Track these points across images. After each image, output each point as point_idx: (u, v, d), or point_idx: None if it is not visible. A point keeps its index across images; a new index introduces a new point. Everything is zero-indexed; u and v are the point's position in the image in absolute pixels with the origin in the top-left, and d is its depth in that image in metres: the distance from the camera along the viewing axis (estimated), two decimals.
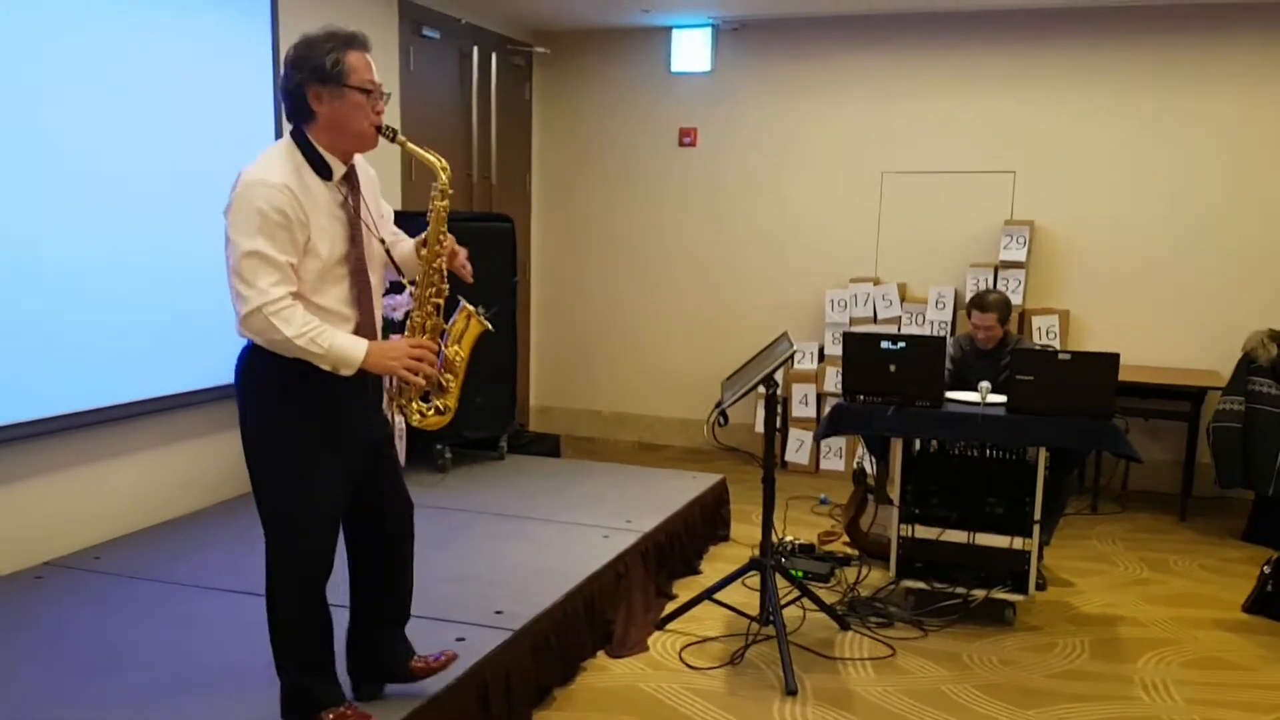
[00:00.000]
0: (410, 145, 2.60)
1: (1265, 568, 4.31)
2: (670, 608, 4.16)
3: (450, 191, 2.61)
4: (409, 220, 2.99)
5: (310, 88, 2.45)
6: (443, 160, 2.60)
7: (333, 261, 2.51)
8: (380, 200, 2.76)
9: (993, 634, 4.05)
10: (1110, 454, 5.00)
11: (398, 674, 2.82)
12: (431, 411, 2.65)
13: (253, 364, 2.52)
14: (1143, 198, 6.17)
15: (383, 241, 2.65)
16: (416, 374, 2.54)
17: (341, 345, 2.44)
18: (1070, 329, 6.25)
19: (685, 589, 4.39)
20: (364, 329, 2.58)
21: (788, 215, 6.88)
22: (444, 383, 2.65)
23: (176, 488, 4.46)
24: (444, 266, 2.63)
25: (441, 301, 2.64)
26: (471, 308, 2.72)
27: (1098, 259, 6.27)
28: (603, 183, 7.29)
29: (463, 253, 2.70)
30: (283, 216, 2.38)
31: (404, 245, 2.76)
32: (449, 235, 2.64)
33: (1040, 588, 4.42)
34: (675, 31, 6.90)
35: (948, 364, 4.77)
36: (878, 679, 3.65)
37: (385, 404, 2.60)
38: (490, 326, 2.72)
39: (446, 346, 2.67)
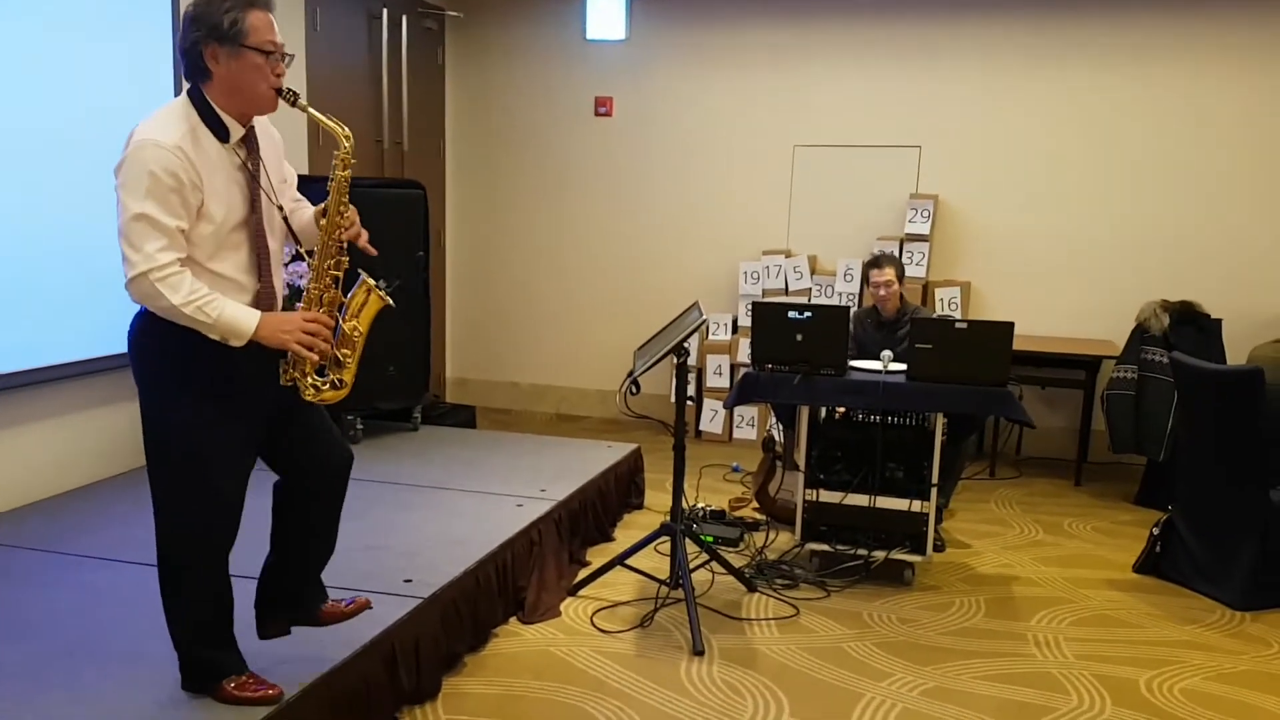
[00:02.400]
0: (312, 110, 2.51)
1: (1154, 530, 4.50)
2: (583, 574, 4.21)
3: (353, 161, 2.53)
4: (315, 184, 2.94)
5: (207, 46, 2.37)
6: (345, 128, 2.52)
7: (229, 227, 2.44)
8: (284, 164, 2.70)
9: (892, 594, 4.17)
10: (1005, 420, 5.16)
11: (309, 615, 2.80)
12: (327, 386, 2.57)
13: (145, 330, 2.45)
14: (1042, 173, 6.34)
15: (281, 209, 2.59)
16: (310, 349, 2.47)
17: (231, 315, 2.38)
18: (972, 300, 6.42)
19: (599, 555, 4.44)
20: (264, 297, 2.53)
21: (703, 187, 6.92)
22: (340, 357, 2.57)
23: (77, 458, 4.36)
24: (343, 239, 2.54)
25: (340, 274, 2.56)
26: (371, 281, 2.62)
27: (999, 232, 6.43)
28: (518, 151, 7.25)
29: (364, 235, 2.61)
30: (174, 179, 2.31)
31: (304, 213, 2.68)
32: (351, 207, 2.55)
33: (938, 549, 4.57)
34: None
35: (850, 341, 4.85)
36: (782, 638, 3.74)
37: (281, 375, 2.53)
38: (390, 302, 2.64)
39: (344, 321, 2.57)
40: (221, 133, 2.43)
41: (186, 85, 2.47)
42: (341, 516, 2.80)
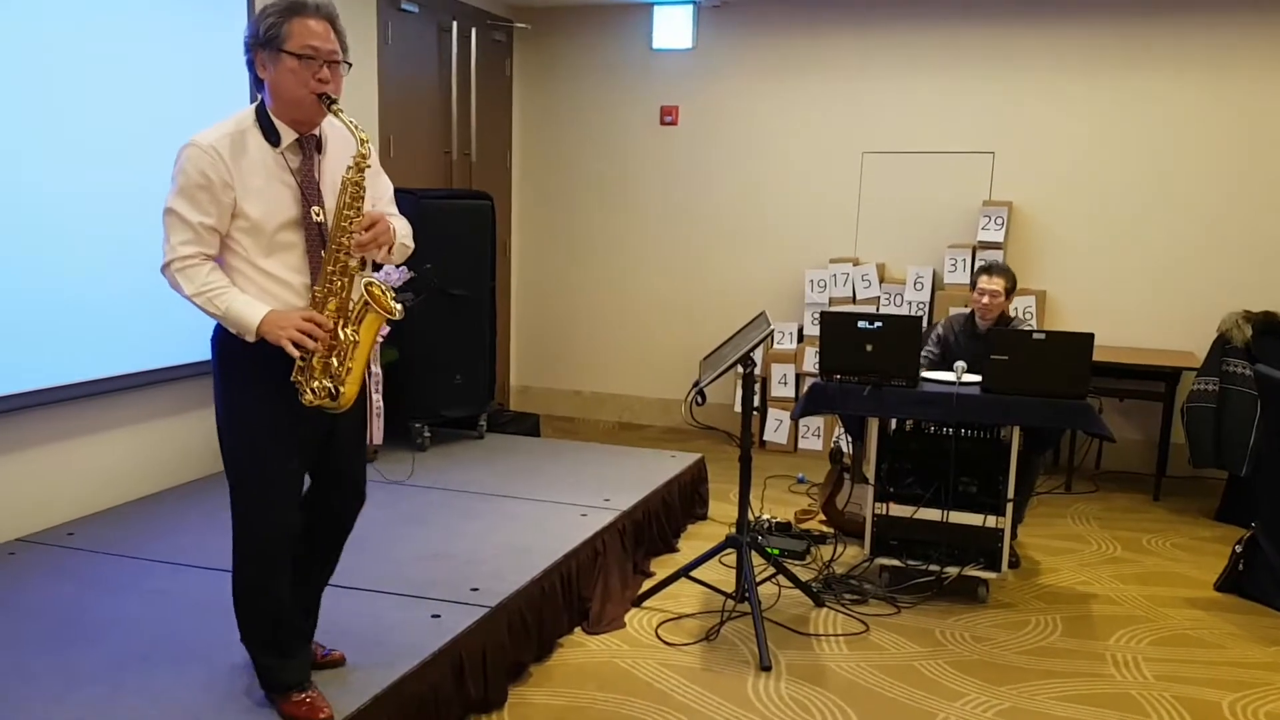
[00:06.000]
0: (341, 115, 2.47)
1: (1237, 547, 4.36)
2: (647, 585, 4.18)
3: (368, 165, 2.48)
4: None
5: (256, 54, 2.46)
6: (364, 133, 2.48)
7: (272, 227, 2.47)
8: (378, 180, 2.66)
9: (966, 611, 4.08)
10: (1084, 433, 5.03)
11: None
12: (325, 394, 2.48)
13: (217, 327, 2.53)
14: (1119, 180, 6.19)
15: (319, 214, 2.52)
16: (302, 347, 2.42)
17: (238, 310, 2.42)
18: (1047, 310, 6.29)
19: (663, 566, 4.41)
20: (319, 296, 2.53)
21: (769, 195, 6.88)
22: (334, 365, 2.49)
23: (151, 465, 4.44)
24: (350, 244, 2.48)
25: (347, 280, 2.51)
26: (379, 290, 2.52)
27: (1075, 240, 6.29)
28: (584, 161, 7.27)
29: (372, 236, 2.51)
30: (203, 177, 2.39)
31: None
32: (368, 215, 2.50)
33: (1013, 565, 4.47)
34: (657, 9, 6.86)
35: (935, 345, 4.76)
36: (851, 655, 3.68)
37: (293, 374, 2.48)
38: (389, 314, 2.52)
39: (342, 327, 2.50)
40: (272, 137, 2.48)
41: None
42: (408, 523, 2.79)
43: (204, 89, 4.45)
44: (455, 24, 6.40)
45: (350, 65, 2.54)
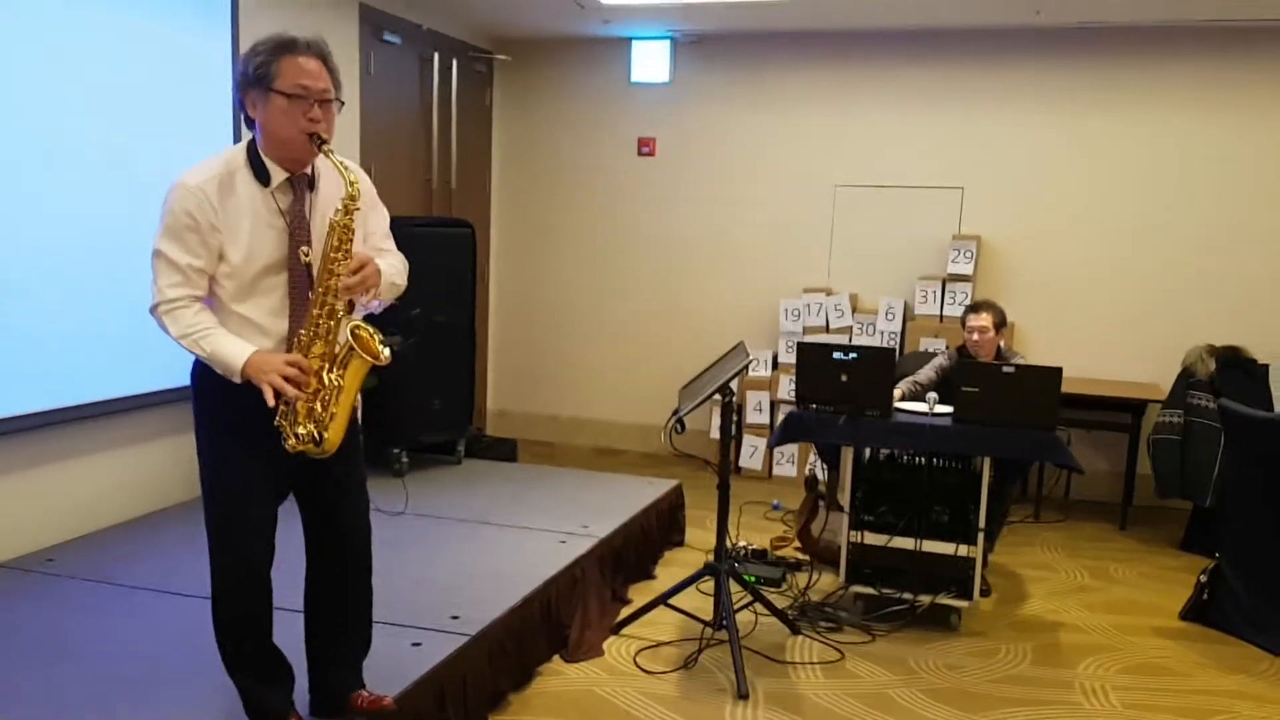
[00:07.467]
0: (331, 157, 2.45)
1: (1202, 576, 4.44)
2: (625, 612, 4.21)
3: (357, 208, 2.46)
4: None
5: (246, 94, 2.44)
6: (353, 176, 2.47)
7: (253, 271, 2.45)
8: (373, 215, 2.65)
9: (938, 639, 4.15)
10: (1053, 465, 5.12)
11: (336, 706, 2.77)
12: (309, 440, 2.42)
13: (193, 367, 2.52)
14: (1087, 214, 6.33)
15: (305, 255, 2.49)
16: (283, 393, 2.36)
17: (224, 351, 2.40)
18: (1015, 342, 6.39)
19: (640, 594, 4.44)
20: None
21: (744, 225, 6.97)
22: (318, 410, 2.43)
23: (130, 491, 4.43)
24: (338, 287, 2.43)
25: (334, 324, 2.45)
26: (366, 334, 2.48)
27: (1043, 274, 6.42)
28: (562, 190, 7.34)
29: (359, 280, 2.45)
30: (191, 219, 2.38)
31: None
32: (358, 258, 2.46)
33: (985, 594, 4.54)
34: (635, 42, 6.96)
35: (935, 372, 4.77)
36: (827, 682, 3.73)
37: (276, 419, 2.42)
38: (375, 359, 2.47)
39: (327, 372, 2.45)
40: (263, 177, 2.46)
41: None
42: (387, 549, 2.78)
43: (189, 117, 4.49)
44: (436, 55, 6.46)
45: (343, 104, 2.52)
